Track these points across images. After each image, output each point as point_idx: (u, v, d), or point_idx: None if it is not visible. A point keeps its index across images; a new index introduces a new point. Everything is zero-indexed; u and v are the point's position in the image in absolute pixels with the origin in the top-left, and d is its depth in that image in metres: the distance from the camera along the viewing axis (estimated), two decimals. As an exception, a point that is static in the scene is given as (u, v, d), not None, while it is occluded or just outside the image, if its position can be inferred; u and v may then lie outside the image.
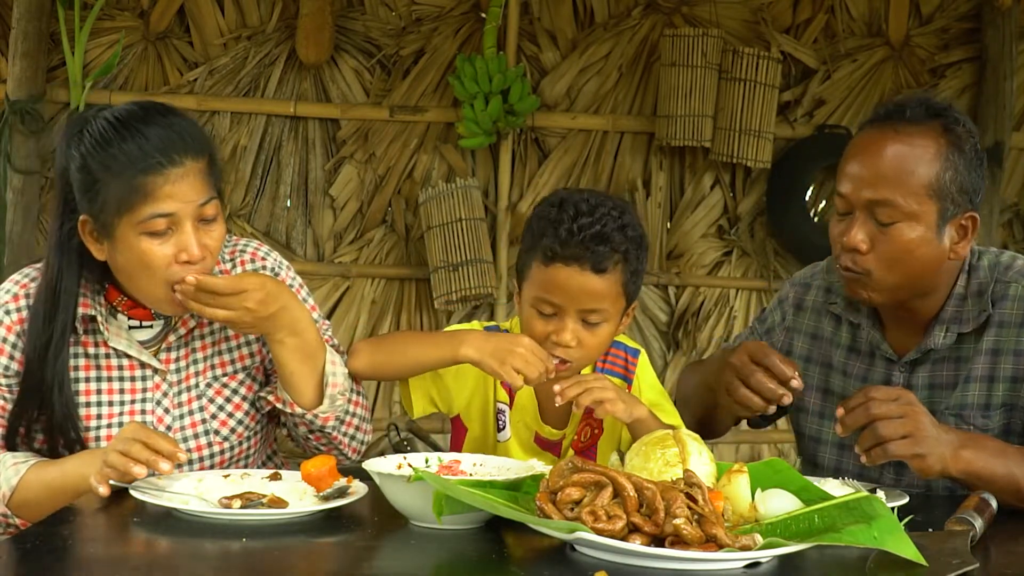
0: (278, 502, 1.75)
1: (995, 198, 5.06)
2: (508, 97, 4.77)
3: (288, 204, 5.08)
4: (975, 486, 1.96)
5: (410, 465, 1.83)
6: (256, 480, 1.89)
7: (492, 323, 2.37)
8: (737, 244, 5.17)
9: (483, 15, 4.95)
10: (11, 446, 2.09)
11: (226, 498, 1.75)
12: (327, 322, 2.33)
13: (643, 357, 2.34)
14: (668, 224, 5.15)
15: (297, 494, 1.81)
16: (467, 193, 4.86)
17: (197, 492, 1.81)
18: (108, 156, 1.95)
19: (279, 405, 2.11)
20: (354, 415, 2.19)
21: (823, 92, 5.12)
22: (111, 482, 1.86)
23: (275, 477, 1.91)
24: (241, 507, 1.72)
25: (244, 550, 1.58)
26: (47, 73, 4.85)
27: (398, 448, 4.75)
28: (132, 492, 1.79)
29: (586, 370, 2.28)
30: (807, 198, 5.08)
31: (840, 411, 1.96)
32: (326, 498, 1.78)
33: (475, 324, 2.33)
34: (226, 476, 1.91)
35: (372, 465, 1.80)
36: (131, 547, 1.66)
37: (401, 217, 5.08)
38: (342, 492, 1.79)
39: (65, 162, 2.03)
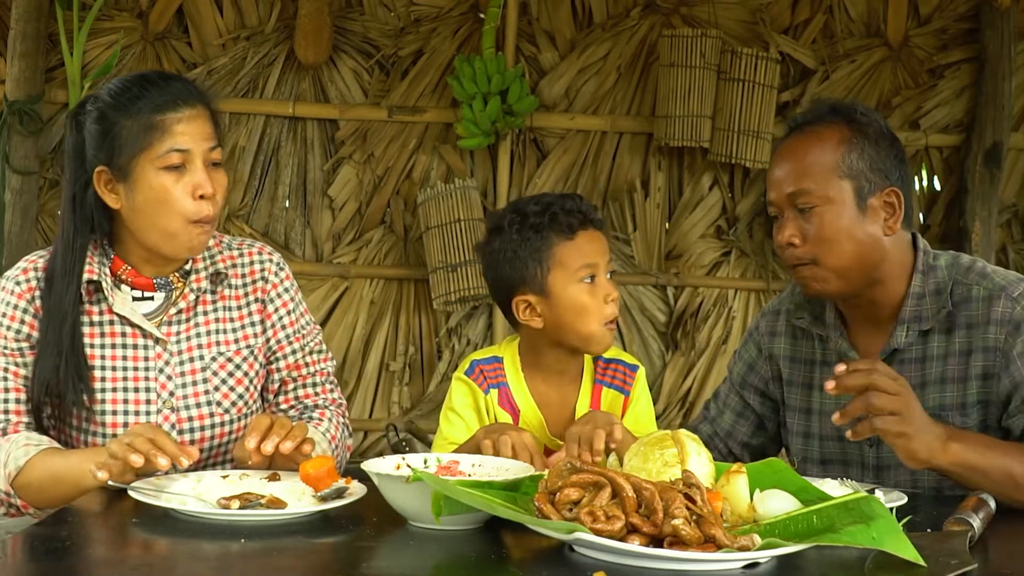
0: (276, 502, 1.75)
1: (993, 199, 5.06)
2: (507, 98, 4.78)
3: (287, 204, 5.09)
4: (967, 479, 1.97)
5: (408, 465, 1.83)
6: (254, 480, 1.89)
7: (483, 355, 2.40)
8: (736, 244, 5.17)
9: (481, 16, 4.96)
10: (36, 409, 2.17)
11: (224, 498, 1.75)
12: (318, 327, 2.40)
13: (640, 372, 2.43)
14: (667, 224, 5.15)
15: (295, 495, 1.81)
16: (466, 193, 4.86)
17: (195, 492, 1.81)
18: (127, 101, 2.14)
19: None
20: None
21: (822, 92, 5.11)
22: (109, 483, 1.86)
23: (273, 477, 1.91)
24: (239, 507, 1.72)
25: (242, 550, 1.58)
26: (45, 74, 4.86)
27: (396, 448, 4.76)
28: (131, 492, 1.79)
29: (586, 381, 2.38)
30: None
31: (840, 368, 1.95)
32: (324, 499, 1.78)
33: (461, 373, 2.39)
34: (224, 476, 1.91)
35: (371, 466, 1.80)
36: (130, 548, 1.67)
37: (400, 217, 5.08)
38: (340, 493, 1.79)
39: (78, 120, 2.19)
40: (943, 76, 5.17)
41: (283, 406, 2.31)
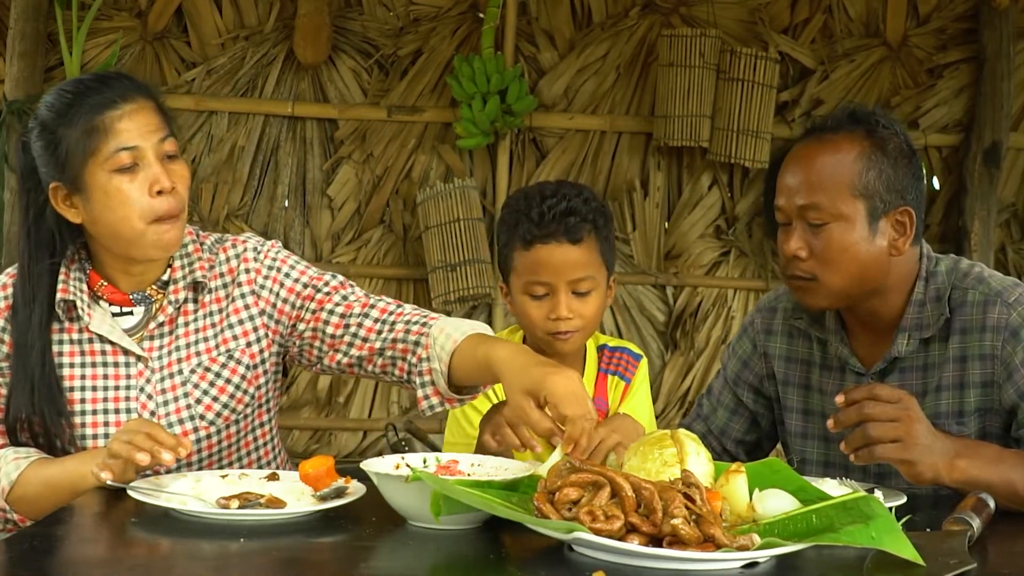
0: (276, 502, 1.75)
1: (992, 198, 5.06)
2: (506, 97, 4.78)
3: (286, 204, 5.09)
4: (971, 491, 1.96)
5: (408, 465, 1.83)
6: (254, 480, 1.89)
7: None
8: (735, 244, 5.17)
9: (481, 15, 4.96)
10: (11, 430, 2.11)
11: (224, 498, 1.75)
12: (354, 284, 2.24)
13: (643, 363, 2.45)
14: (666, 224, 5.15)
15: (295, 494, 1.81)
16: (465, 193, 4.86)
17: (195, 492, 1.81)
18: (64, 109, 2.06)
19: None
20: None
21: (821, 92, 5.12)
22: (109, 482, 1.86)
23: (273, 477, 1.91)
24: (239, 507, 1.72)
25: (242, 550, 1.58)
26: (45, 73, 4.86)
27: (396, 448, 4.75)
28: (130, 492, 1.79)
29: (589, 369, 2.39)
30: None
31: (840, 398, 1.97)
32: (324, 498, 1.78)
33: None
34: (224, 476, 1.91)
35: (370, 465, 1.80)
36: (128, 547, 1.66)
37: (399, 217, 5.08)
38: (340, 492, 1.79)
39: (24, 141, 2.12)
40: (942, 76, 5.17)
41: (364, 335, 2.12)
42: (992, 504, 1.84)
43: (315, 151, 5.07)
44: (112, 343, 2.13)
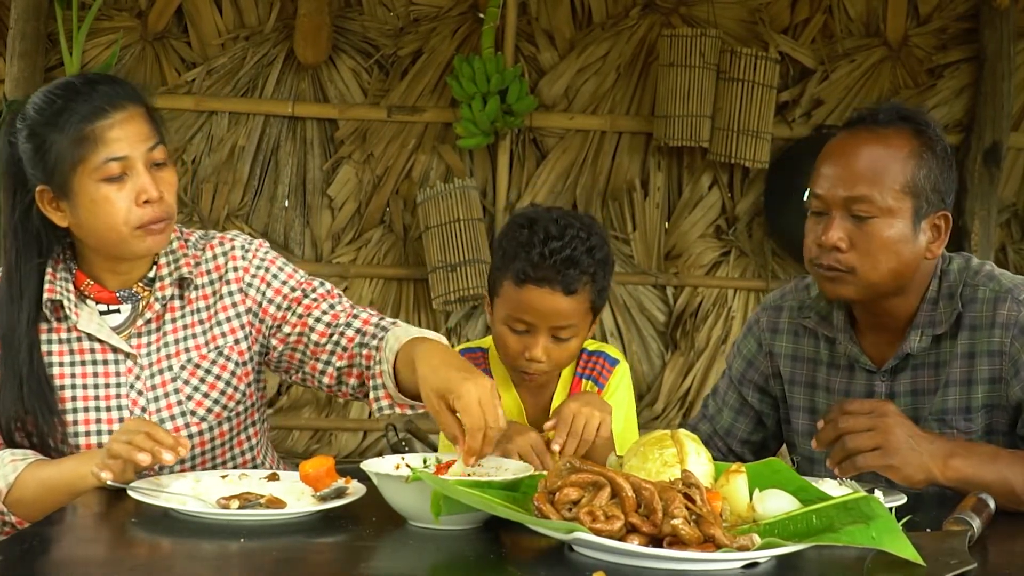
0: (276, 502, 1.75)
1: (993, 198, 5.06)
2: (506, 97, 4.78)
3: (286, 204, 5.09)
4: (968, 491, 1.96)
5: (408, 465, 1.83)
6: (254, 480, 1.89)
7: (471, 345, 2.46)
8: (735, 244, 5.17)
9: (481, 15, 4.96)
10: (7, 433, 2.10)
11: (224, 498, 1.75)
12: (320, 280, 2.25)
13: (620, 368, 2.41)
14: (666, 224, 5.15)
15: (295, 494, 1.81)
16: (465, 193, 4.86)
17: (195, 492, 1.81)
18: (54, 114, 2.04)
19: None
20: None
21: (821, 92, 5.12)
22: (109, 482, 1.86)
23: (273, 477, 1.91)
24: (239, 507, 1.72)
25: (242, 550, 1.58)
26: (45, 73, 4.86)
27: (396, 448, 4.75)
28: (130, 492, 1.79)
29: (566, 373, 2.39)
30: (805, 198, 5.06)
31: (820, 423, 2.00)
32: (324, 498, 1.78)
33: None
34: (224, 476, 1.91)
35: (370, 465, 1.80)
36: (128, 547, 1.66)
37: (399, 217, 5.08)
38: (340, 492, 1.79)
39: (11, 140, 2.09)
40: (942, 76, 5.17)
41: (345, 344, 2.13)
42: (992, 504, 1.84)
43: (315, 151, 5.07)
44: (101, 341, 2.13)
